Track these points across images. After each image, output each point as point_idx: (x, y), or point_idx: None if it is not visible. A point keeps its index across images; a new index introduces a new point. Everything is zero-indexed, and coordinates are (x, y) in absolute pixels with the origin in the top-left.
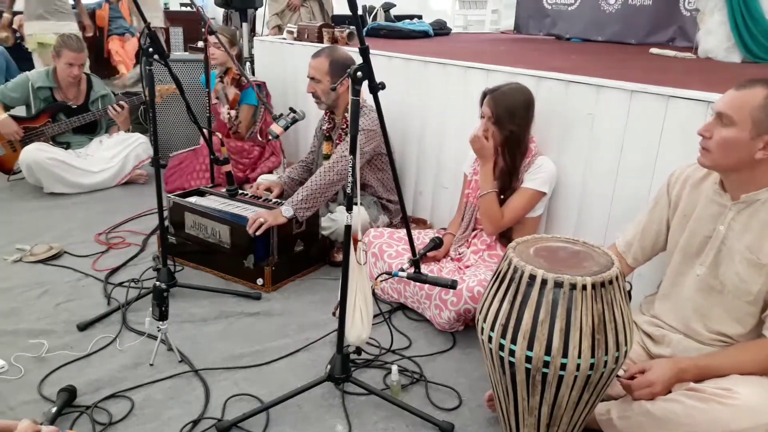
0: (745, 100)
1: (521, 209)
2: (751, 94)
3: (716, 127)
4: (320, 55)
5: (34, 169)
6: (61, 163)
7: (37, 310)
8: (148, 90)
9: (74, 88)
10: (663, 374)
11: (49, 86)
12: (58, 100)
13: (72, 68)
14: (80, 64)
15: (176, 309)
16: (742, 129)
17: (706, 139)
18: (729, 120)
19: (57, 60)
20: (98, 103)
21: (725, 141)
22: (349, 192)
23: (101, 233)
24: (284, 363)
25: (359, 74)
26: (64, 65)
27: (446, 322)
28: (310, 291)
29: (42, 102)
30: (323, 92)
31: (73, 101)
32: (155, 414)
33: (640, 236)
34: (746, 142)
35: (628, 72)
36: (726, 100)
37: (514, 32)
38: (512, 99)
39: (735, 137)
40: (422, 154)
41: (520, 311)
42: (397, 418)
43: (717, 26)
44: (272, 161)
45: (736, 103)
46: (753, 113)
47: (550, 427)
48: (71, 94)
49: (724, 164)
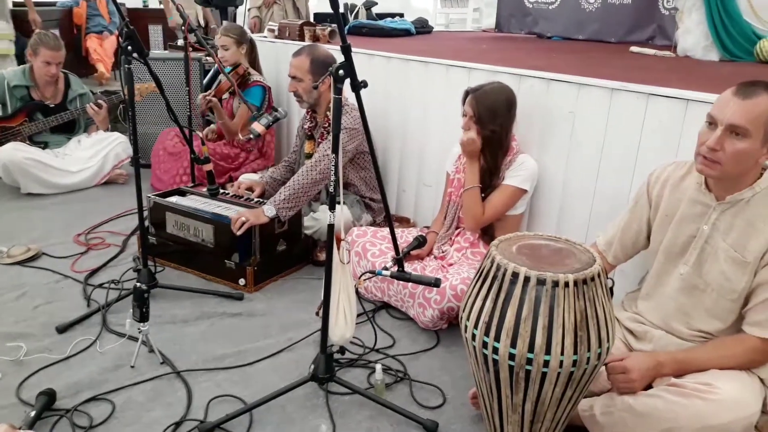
0: (757, 110)
1: (502, 206)
2: (761, 102)
3: (728, 140)
4: (301, 53)
5: (10, 169)
6: (39, 162)
7: (15, 312)
8: (127, 88)
9: (51, 86)
10: (639, 363)
11: (26, 85)
12: (35, 98)
13: (50, 67)
14: (58, 62)
15: (157, 310)
16: (756, 139)
17: (716, 152)
18: (744, 131)
19: (34, 58)
20: (76, 102)
21: (740, 153)
22: (332, 191)
23: (80, 234)
24: (267, 363)
25: (341, 72)
26: (41, 63)
27: (430, 321)
28: (293, 291)
29: (18, 101)
30: (305, 91)
31: (51, 100)
32: (137, 416)
33: (620, 235)
34: (757, 151)
35: (608, 70)
36: (737, 112)
37: (495, 31)
38: (494, 98)
39: (750, 148)
40: (405, 152)
41: (503, 309)
42: (381, 417)
43: (695, 25)
44: (258, 163)
45: (749, 115)
46: (766, 122)
47: (533, 423)
48: (48, 92)
49: (734, 174)
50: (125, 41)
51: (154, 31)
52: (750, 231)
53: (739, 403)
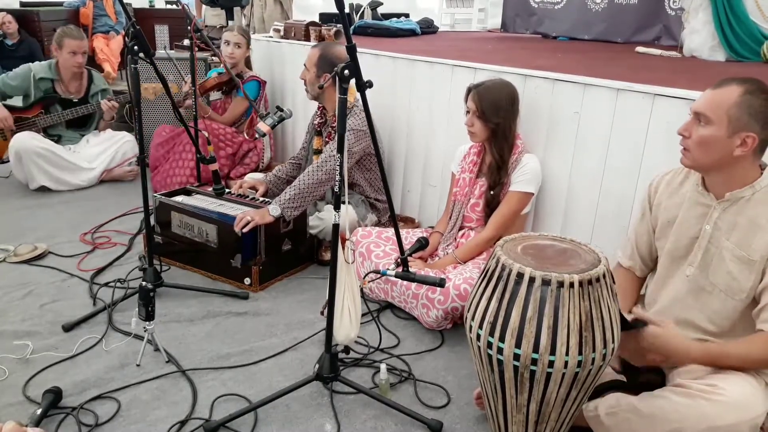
0: (720, 98)
1: (512, 213)
2: (727, 92)
3: (694, 127)
4: (317, 45)
5: (23, 158)
6: (52, 153)
7: (22, 311)
8: (133, 88)
9: (76, 81)
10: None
11: (51, 78)
12: (59, 92)
13: (76, 56)
14: (83, 51)
15: (163, 309)
16: (719, 127)
17: (686, 139)
18: (706, 119)
19: (59, 52)
20: (98, 97)
21: (703, 140)
22: (337, 191)
23: (86, 233)
24: (272, 362)
25: (346, 72)
26: (67, 55)
27: (434, 321)
28: (298, 290)
29: (42, 93)
30: (309, 82)
31: (75, 95)
32: (142, 415)
33: (637, 248)
34: (723, 140)
35: (614, 70)
36: (703, 100)
37: (501, 31)
38: (496, 93)
39: (712, 136)
40: (410, 152)
41: (508, 309)
42: (385, 417)
43: (702, 25)
44: (250, 158)
45: (712, 103)
46: (729, 111)
47: (538, 424)
48: (73, 87)
49: (705, 163)
50: (131, 41)
51: (160, 31)
52: (754, 229)
53: (744, 405)
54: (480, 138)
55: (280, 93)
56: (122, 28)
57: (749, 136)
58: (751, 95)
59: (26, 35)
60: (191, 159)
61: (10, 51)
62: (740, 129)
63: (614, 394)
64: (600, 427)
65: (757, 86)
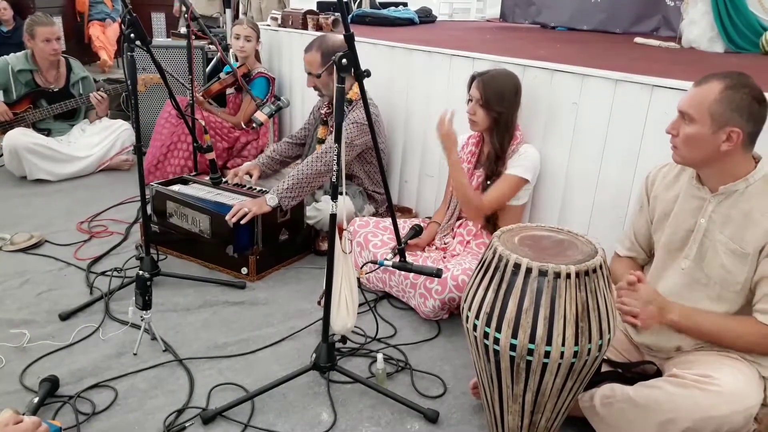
0: (702, 96)
1: (503, 195)
2: (708, 89)
3: (681, 125)
4: (312, 48)
5: (18, 155)
6: (46, 148)
7: (18, 299)
8: (130, 76)
9: (54, 70)
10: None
11: (30, 69)
12: (39, 83)
13: (51, 43)
14: (57, 37)
15: (160, 298)
16: (703, 125)
17: (674, 137)
18: (689, 117)
19: (32, 41)
20: (79, 85)
21: (688, 137)
22: (335, 181)
23: (83, 222)
24: (269, 352)
25: (344, 61)
26: (42, 44)
27: (431, 311)
28: (295, 280)
29: (23, 86)
30: (323, 85)
31: (54, 84)
32: (139, 403)
33: (637, 240)
34: (709, 137)
35: (613, 61)
36: (686, 98)
37: (499, 20)
38: (501, 82)
39: (697, 133)
40: (408, 142)
41: (505, 299)
42: (382, 406)
43: (700, 16)
44: (248, 151)
45: (694, 100)
46: (711, 108)
47: (534, 414)
48: (51, 77)
49: (694, 159)
50: (128, 28)
51: (157, 18)
52: (747, 222)
53: (738, 395)
54: (481, 127)
55: (277, 82)
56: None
57: (734, 131)
58: (732, 90)
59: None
60: (187, 149)
61: (5, 38)
62: (724, 125)
63: (609, 384)
64: (595, 416)
65: (738, 80)
